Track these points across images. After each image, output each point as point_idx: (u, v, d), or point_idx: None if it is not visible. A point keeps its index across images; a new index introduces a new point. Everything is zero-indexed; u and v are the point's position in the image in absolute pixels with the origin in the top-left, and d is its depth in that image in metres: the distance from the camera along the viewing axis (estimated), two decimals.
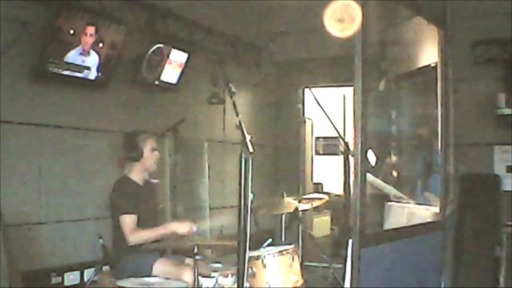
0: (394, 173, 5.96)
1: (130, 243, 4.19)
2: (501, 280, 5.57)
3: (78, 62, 4.81)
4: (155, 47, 5.65)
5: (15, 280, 3.96)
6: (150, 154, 4.43)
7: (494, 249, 5.68)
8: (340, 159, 5.85)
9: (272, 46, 7.84)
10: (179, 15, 6.01)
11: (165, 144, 5.69)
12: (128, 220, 4.23)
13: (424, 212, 4.75)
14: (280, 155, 8.23)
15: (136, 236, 4.19)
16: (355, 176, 3.36)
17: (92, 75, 4.99)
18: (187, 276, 4.07)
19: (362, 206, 3.33)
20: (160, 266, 4.21)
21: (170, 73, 5.95)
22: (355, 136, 3.39)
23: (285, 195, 5.15)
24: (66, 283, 4.86)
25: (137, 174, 4.48)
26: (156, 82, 5.84)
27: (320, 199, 5.53)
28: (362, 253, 3.28)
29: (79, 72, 4.85)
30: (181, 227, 4.30)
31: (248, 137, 3.23)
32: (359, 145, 3.36)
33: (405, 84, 6.21)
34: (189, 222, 4.35)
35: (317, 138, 10.18)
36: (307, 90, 7.98)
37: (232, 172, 6.48)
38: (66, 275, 4.86)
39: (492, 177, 6.10)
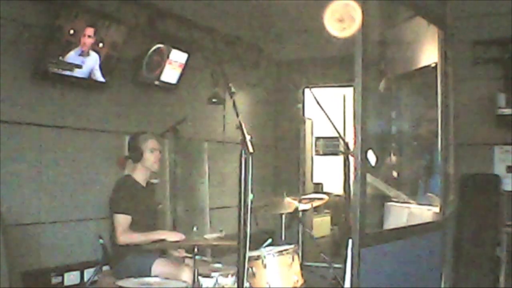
0: (394, 173, 5.96)
1: (119, 243, 4.24)
2: (501, 280, 5.58)
3: (78, 62, 4.81)
4: (155, 47, 5.65)
5: (15, 280, 3.97)
6: (149, 155, 4.48)
7: (494, 249, 5.69)
8: (340, 159, 5.86)
9: (272, 46, 7.83)
10: (179, 15, 6.01)
11: (165, 144, 5.69)
12: (122, 220, 4.26)
13: (424, 212, 4.76)
14: (280, 155, 8.23)
15: (126, 237, 4.24)
16: (355, 176, 3.37)
17: (92, 75, 4.98)
18: (186, 276, 4.08)
19: (362, 206, 3.33)
20: (159, 267, 4.23)
21: (170, 73, 5.95)
22: (355, 136, 3.39)
23: (285, 195, 5.16)
24: (66, 283, 4.86)
25: (139, 175, 4.53)
26: (156, 82, 5.84)
27: (320, 199, 5.54)
28: (362, 253, 3.28)
29: (78, 72, 4.85)
30: (171, 236, 4.33)
31: (248, 137, 3.23)
32: (359, 145, 3.36)
33: (405, 84, 6.20)
34: (178, 234, 4.38)
35: (317, 138, 10.17)
36: (307, 90, 7.98)
37: (232, 172, 6.48)
38: (66, 275, 4.86)
39: (492, 177, 6.10)
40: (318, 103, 5.41)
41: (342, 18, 3.74)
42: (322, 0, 3.91)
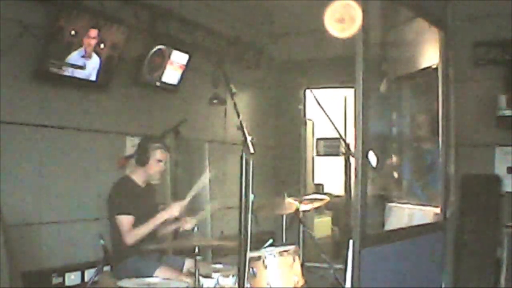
0: (395, 174, 5.96)
1: (128, 243, 4.23)
2: (502, 280, 5.58)
3: (80, 63, 4.81)
4: (156, 48, 5.65)
5: (15, 280, 3.96)
6: (155, 164, 4.49)
7: (494, 250, 5.68)
8: (341, 160, 5.86)
9: (272, 46, 7.83)
10: (180, 16, 6.01)
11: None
12: (125, 221, 4.27)
13: (424, 213, 4.75)
14: (281, 156, 8.22)
15: (132, 236, 4.24)
16: (356, 177, 3.37)
17: (93, 76, 4.99)
18: (187, 280, 4.09)
19: (363, 206, 3.33)
20: (161, 274, 4.22)
21: (171, 74, 5.96)
22: (356, 137, 3.39)
23: (286, 195, 5.16)
24: (67, 283, 4.86)
25: (139, 177, 4.54)
26: (157, 83, 5.84)
27: (321, 199, 5.55)
28: (363, 254, 3.28)
29: (79, 73, 4.85)
30: (171, 211, 4.35)
31: (249, 138, 3.23)
32: (360, 146, 3.36)
33: (406, 85, 6.20)
34: (176, 203, 4.39)
35: (318, 139, 10.16)
36: (308, 91, 7.98)
37: (233, 172, 6.48)
38: (66, 275, 4.86)
39: (493, 178, 6.10)
40: (319, 104, 5.41)
41: (343, 18, 3.74)
42: (322, 0, 3.91)
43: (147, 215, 4.49)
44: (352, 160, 4.82)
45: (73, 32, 4.63)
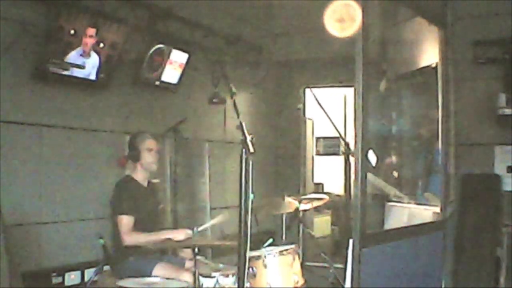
0: (395, 173, 5.96)
1: (124, 243, 4.24)
2: (502, 280, 5.57)
3: (79, 62, 4.80)
4: (155, 47, 5.65)
5: (15, 280, 3.96)
6: (147, 154, 4.52)
7: (494, 249, 5.68)
8: (340, 159, 5.84)
9: (272, 46, 7.83)
10: (179, 15, 6.00)
11: (165, 144, 5.69)
12: (125, 221, 4.28)
13: (424, 212, 4.76)
14: (281, 155, 8.23)
15: (131, 238, 4.25)
16: (356, 176, 3.37)
17: (93, 75, 4.99)
18: (187, 277, 4.09)
19: (363, 206, 3.33)
20: (160, 271, 4.23)
21: (171, 73, 5.95)
22: (355, 136, 3.39)
23: (285, 195, 5.16)
24: (67, 283, 4.86)
25: (139, 175, 4.56)
26: (157, 83, 5.83)
27: (320, 199, 5.54)
28: (363, 253, 3.28)
29: (79, 72, 4.85)
30: (177, 235, 4.34)
31: (248, 137, 3.23)
32: (360, 145, 3.36)
33: (406, 84, 6.21)
34: (184, 230, 4.38)
35: (318, 139, 10.17)
36: (308, 90, 7.98)
37: (232, 172, 6.49)
38: (66, 275, 4.85)
39: (493, 177, 6.10)
40: (318, 103, 5.41)
41: (342, 18, 3.75)
42: (322, 0, 3.91)
43: (149, 214, 4.50)
44: (352, 159, 4.82)
45: (72, 32, 4.63)
